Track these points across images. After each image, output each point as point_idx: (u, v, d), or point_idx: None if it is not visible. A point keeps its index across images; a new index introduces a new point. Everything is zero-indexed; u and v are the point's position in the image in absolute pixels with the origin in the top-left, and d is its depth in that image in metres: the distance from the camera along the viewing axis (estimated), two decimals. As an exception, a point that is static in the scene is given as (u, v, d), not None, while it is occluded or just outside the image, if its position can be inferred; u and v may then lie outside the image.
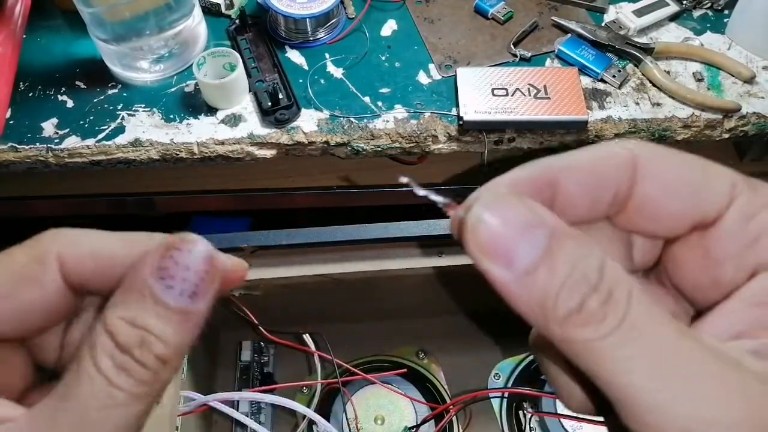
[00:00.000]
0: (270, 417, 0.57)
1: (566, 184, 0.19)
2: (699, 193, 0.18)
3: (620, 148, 0.19)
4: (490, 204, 0.17)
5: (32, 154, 0.59)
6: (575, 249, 0.16)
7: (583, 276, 0.15)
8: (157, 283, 0.18)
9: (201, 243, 0.20)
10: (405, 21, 0.68)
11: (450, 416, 0.54)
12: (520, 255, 0.16)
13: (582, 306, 0.15)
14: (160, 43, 0.61)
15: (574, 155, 0.19)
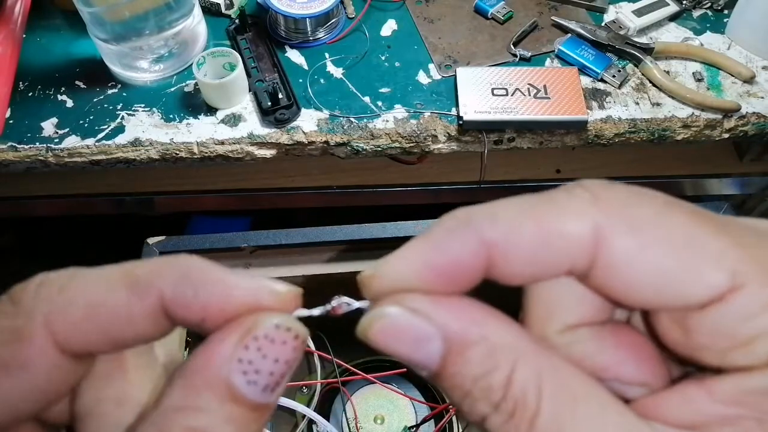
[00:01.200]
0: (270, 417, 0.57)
1: (504, 256, 0.16)
2: (675, 286, 0.15)
3: (579, 219, 0.15)
4: (375, 322, 0.16)
5: (32, 153, 0.58)
6: (478, 361, 0.15)
7: (484, 393, 0.15)
8: (240, 380, 0.15)
9: (293, 326, 0.16)
10: (405, 21, 0.68)
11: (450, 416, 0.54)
12: (418, 364, 0.16)
13: (483, 423, 0.15)
14: (160, 43, 0.61)
15: (515, 218, 0.16)
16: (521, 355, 0.15)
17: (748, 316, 0.15)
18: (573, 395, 0.15)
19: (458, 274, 0.16)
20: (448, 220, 0.16)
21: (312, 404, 0.54)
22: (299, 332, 0.16)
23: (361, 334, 0.17)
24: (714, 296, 0.15)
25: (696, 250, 0.15)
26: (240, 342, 0.15)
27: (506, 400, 0.15)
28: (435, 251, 0.16)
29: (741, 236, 0.15)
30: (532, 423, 0.15)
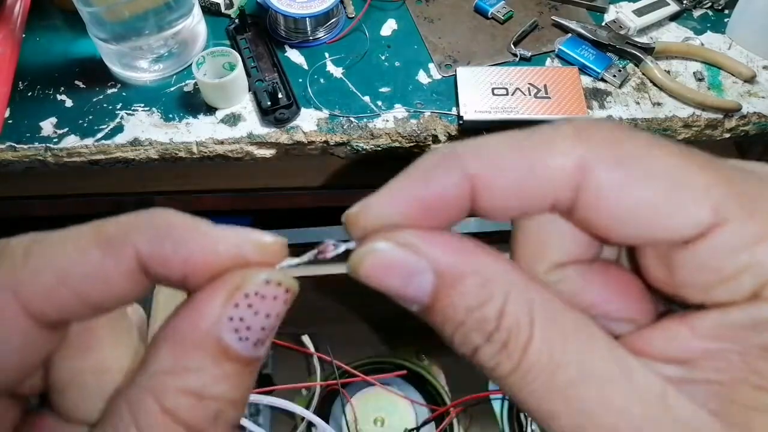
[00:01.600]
0: (269, 419, 0.56)
1: (488, 187, 0.15)
2: (659, 221, 0.15)
3: (563, 152, 0.15)
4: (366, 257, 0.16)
5: (31, 153, 0.58)
6: (472, 292, 0.15)
7: (478, 324, 0.15)
8: (232, 337, 0.15)
9: (283, 280, 0.16)
10: (405, 20, 0.67)
11: (450, 418, 0.54)
12: (409, 299, 0.16)
13: (475, 353, 0.16)
14: (160, 43, 0.61)
15: (499, 150, 0.15)
16: (513, 286, 0.15)
17: (730, 252, 0.15)
18: (563, 326, 0.15)
19: (443, 208, 0.16)
20: (432, 155, 0.16)
21: (311, 406, 0.54)
22: (289, 285, 0.16)
23: (352, 271, 0.16)
24: (698, 231, 0.15)
25: (681, 185, 0.15)
26: (229, 300, 0.15)
27: (499, 331, 0.15)
28: (419, 185, 0.16)
29: (726, 173, 0.15)
30: (524, 351, 0.15)
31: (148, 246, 0.15)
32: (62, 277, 0.15)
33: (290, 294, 0.16)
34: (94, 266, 0.15)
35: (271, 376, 0.59)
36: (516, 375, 0.15)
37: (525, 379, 0.15)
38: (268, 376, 0.59)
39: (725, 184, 0.15)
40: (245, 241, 0.16)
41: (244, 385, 0.15)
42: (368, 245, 0.16)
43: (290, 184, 0.68)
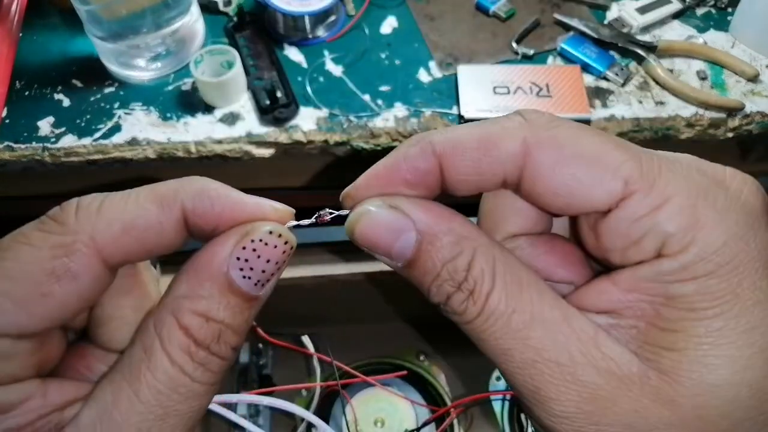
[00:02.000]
0: (268, 419, 0.56)
1: (452, 164, 0.19)
2: (583, 192, 0.18)
3: (511, 136, 0.19)
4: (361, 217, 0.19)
5: (28, 153, 0.58)
6: (447, 247, 0.19)
7: (450, 275, 0.19)
8: (237, 274, 0.18)
9: (284, 232, 0.19)
10: (405, 18, 0.67)
11: (451, 419, 0.53)
12: (395, 254, 0.19)
13: (447, 301, 0.19)
14: (158, 41, 0.61)
15: (461, 133, 0.19)
16: (480, 244, 0.19)
17: (636, 219, 0.18)
18: (519, 280, 0.19)
19: (418, 179, 0.19)
20: (409, 139, 0.20)
21: (311, 407, 0.54)
22: (289, 238, 0.19)
23: (348, 231, 0.20)
24: (612, 202, 0.18)
25: (600, 163, 0.18)
26: (238, 243, 0.19)
27: (467, 281, 0.19)
28: (398, 162, 0.20)
29: (636, 153, 0.18)
30: (487, 298, 0.18)
31: (191, 203, 0.19)
32: (128, 228, 0.18)
33: (289, 246, 0.19)
34: (152, 219, 0.19)
35: (271, 376, 0.59)
36: (479, 319, 0.19)
37: (487, 322, 0.18)
38: (268, 376, 0.59)
39: (633, 162, 0.18)
40: (264, 203, 0.20)
41: (243, 316, 0.19)
42: (362, 206, 0.20)
43: (289, 184, 0.68)
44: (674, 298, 0.17)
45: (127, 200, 0.19)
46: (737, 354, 0.17)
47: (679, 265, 0.17)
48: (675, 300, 0.17)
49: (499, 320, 0.18)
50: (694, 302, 0.17)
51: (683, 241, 0.17)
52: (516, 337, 0.18)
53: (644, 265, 0.18)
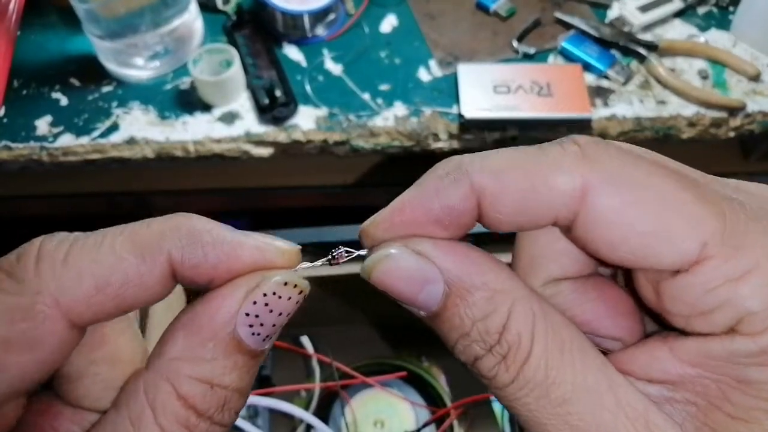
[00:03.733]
0: (267, 421, 0.56)
1: (492, 201, 0.16)
2: (650, 250, 0.15)
3: (567, 171, 0.15)
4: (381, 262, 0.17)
5: (26, 152, 0.57)
6: (479, 304, 0.16)
7: (481, 336, 0.16)
8: (245, 332, 0.16)
9: (298, 282, 0.17)
10: (405, 17, 0.67)
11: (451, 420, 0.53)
12: (419, 305, 0.17)
13: (475, 362, 0.16)
14: (156, 40, 0.60)
15: (504, 164, 0.16)
16: (518, 301, 0.16)
17: (709, 288, 0.15)
18: (561, 342, 0.16)
19: (451, 219, 0.17)
20: (440, 167, 0.17)
21: (310, 408, 0.53)
22: (303, 287, 0.17)
23: (365, 274, 0.17)
24: (683, 264, 0.15)
25: (673, 216, 0.15)
26: (248, 297, 0.16)
27: (501, 344, 0.16)
28: (429, 198, 0.16)
29: (718, 206, 0.15)
30: (522, 366, 0.16)
31: (180, 253, 0.16)
32: (101, 285, 0.15)
33: (303, 295, 0.17)
34: (131, 273, 0.16)
35: (270, 377, 0.59)
36: (512, 387, 0.16)
37: (521, 392, 0.16)
38: (267, 377, 0.59)
39: (714, 219, 0.15)
40: (267, 246, 0.17)
41: (250, 375, 0.17)
42: (382, 249, 0.17)
43: (289, 183, 0.68)
44: (749, 383, 0.15)
45: (100, 248, 0.15)
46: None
47: (758, 348, 0.15)
48: (750, 386, 0.15)
49: (534, 391, 0.16)
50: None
51: (766, 322, 0.15)
52: (554, 412, 0.16)
53: (713, 340, 0.15)
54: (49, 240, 0.16)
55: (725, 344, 0.15)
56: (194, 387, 0.16)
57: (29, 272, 0.15)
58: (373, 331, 0.60)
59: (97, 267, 0.15)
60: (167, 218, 0.16)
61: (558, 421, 0.16)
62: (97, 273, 0.15)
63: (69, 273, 0.15)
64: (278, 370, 0.60)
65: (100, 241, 0.16)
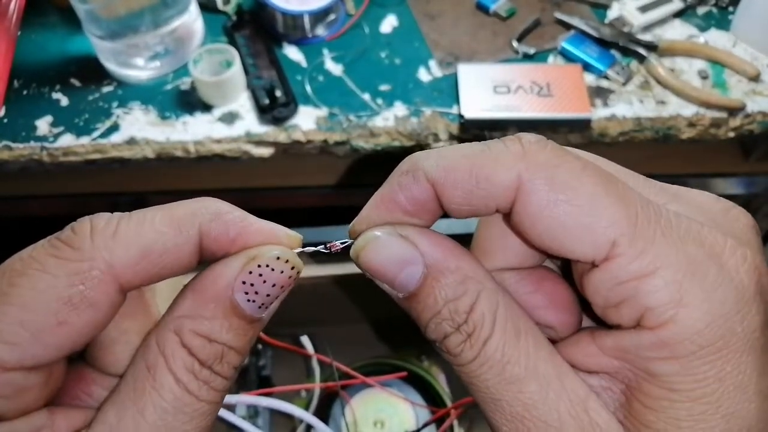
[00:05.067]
0: (267, 421, 0.56)
1: (445, 192, 0.18)
2: (568, 242, 0.17)
3: (505, 168, 0.18)
4: (369, 242, 0.19)
5: (26, 152, 0.58)
6: (452, 286, 0.18)
7: (451, 314, 0.18)
8: (241, 297, 0.18)
9: (291, 258, 0.19)
10: (405, 17, 0.67)
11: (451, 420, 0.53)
12: (398, 284, 0.19)
13: (443, 340, 0.19)
14: (156, 40, 0.61)
15: (453, 161, 0.18)
16: (485, 287, 0.18)
17: (617, 283, 0.17)
18: (518, 329, 0.18)
19: (416, 209, 0.19)
20: (403, 165, 0.19)
21: (310, 408, 0.53)
22: (295, 263, 0.19)
23: (354, 255, 0.20)
24: (596, 257, 0.17)
25: (590, 216, 0.17)
26: (245, 267, 0.18)
27: (467, 323, 0.18)
28: (395, 192, 0.19)
29: (636, 210, 0.17)
30: (484, 344, 0.18)
31: (208, 227, 0.18)
32: (146, 253, 0.18)
33: (296, 271, 0.19)
34: (169, 243, 0.18)
35: (270, 377, 0.59)
36: (474, 364, 0.18)
37: (481, 368, 0.18)
38: (267, 377, 0.59)
39: (626, 222, 0.17)
40: (278, 229, 0.20)
41: (246, 338, 0.19)
42: (369, 232, 0.19)
43: (289, 183, 0.68)
44: (656, 376, 0.17)
45: (143, 223, 0.18)
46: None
47: (658, 340, 0.17)
48: (656, 378, 0.17)
49: (493, 368, 0.18)
50: (675, 383, 0.17)
51: (663, 317, 0.17)
52: (508, 389, 0.18)
53: (625, 334, 0.18)
54: (98, 218, 0.18)
55: (633, 337, 0.17)
56: (195, 339, 0.18)
57: (86, 243, 0.18)
58: (373, 331, 0.60)
59: (141, 238, 0.18)
60: (198, 200, 0.19)
61: (510, 396, 0.18)
62: (142, 243, 0.18)
63: (118, 243, 0.18)
64: (278, 370, 0.60)
65: (142, 218, 0.18)
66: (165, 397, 0.18)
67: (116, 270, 0.18)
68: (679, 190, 0.19)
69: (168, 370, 0.18)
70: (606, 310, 0.18)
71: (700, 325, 0.16)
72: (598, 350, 0.18)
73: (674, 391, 0.17)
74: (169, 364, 0.18)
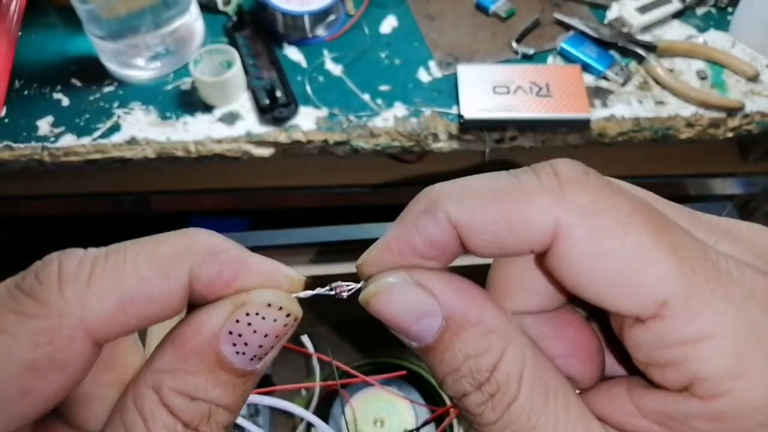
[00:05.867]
0: (268, 420, 0.56)
1: (470, 236, 0.16)
2: (612, 298, 0.16)
3: (542, 213, 0.15)
4: (380, 290, 0.17)
5: (27, 152, 0.58)
6: (473, 341, 0.16)
7: (471, 372, 0.16)
8: (229, 350, 0.16)
9: (286, 305, 0.17)
10: (405, 17, 0.67)
11: (450, 419, 0.53)
12: (413, 335, 0.17)
13: (462, 398, 0.17)
14: (157, 40, 0.61)
15: (481, 202, 0.16)
16: (511, 342, 0.17)
17: (665, 345, 0.15)
18: (546, 388, 0.16)
19: (436, 252, 0.17)
20: (418, 202, 0.17)
21: (310, 407, 0.54)
22: (291, 310, 0.17)
23: (363, 301, 0.17)
24: (643, 315, 0.15)
25: (640, 270, 0.15)
26: (231, 315, 0.16)
27: (489, 383, 0.16)
28: (410, 234, 0.17)
29: (689, 265, 0.15)
30: (508, 407, 0.16)
31: (199, 269, 0.16)
32: (125, 304, 0.15)
33: (292, 318, 0.17)
34: (155, 291, 0.16)
35: (270, 376, 0.59)
36: (496, 426, 0.16)
37: (504, 431, 0.16)
38: (267, 376, 0.59)
39: (681, 280, 0.15)
40: (278, 270, 0.17)
41: (236, 393, 0.16)
42: (383, 278, 0.17)
43: (289, 183, 0.68)
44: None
45: (123, 266, 0.16)
46: None
47: (710, 412, 0.15)
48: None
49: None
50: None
51: (717, 389, 0.15)
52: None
53: (670, 397, 0.16)
54: (68, 260, 0.16)
55: (679, 403, 0.15)
56: (176, 398, 0.16)
57: (53, 294, 0.15)
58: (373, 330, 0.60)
59: (120, 287, 0.15)
60: (186, 233, 0.17)
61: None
62: (121, 294, 0.15)
63: (93, 294, 0.15)
64: (278, 368, 0.60)
65: (122, 260, 0.16)
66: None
67: (90, 325, 0.15)
68: (730, 226, 0.17)
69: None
70: (649, 367, 0.16)
71: (761, 401, 0.15)
72: (637, 411, 0.16)
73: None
74: (148, 426, 0.16)
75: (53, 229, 0.78)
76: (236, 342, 0.16)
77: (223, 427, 0.17)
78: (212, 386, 0.16)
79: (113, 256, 0.16)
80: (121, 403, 0.17)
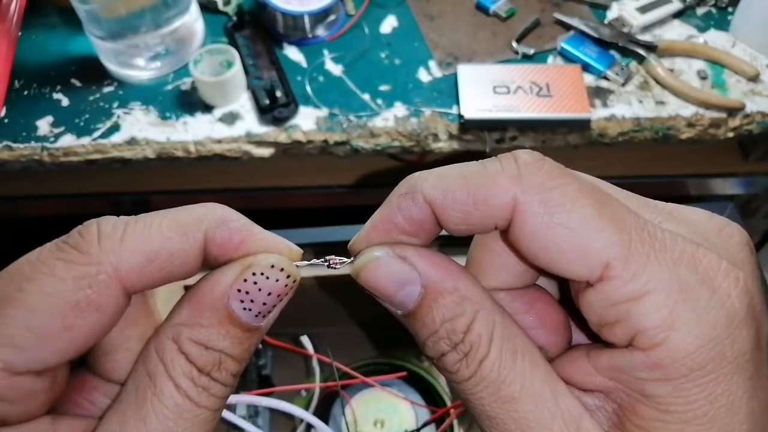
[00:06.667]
0: (268, 420, 0.56)
1: (443, 213, 0.19)
2: (563, 264, 0.18)
3: (501, 191, 0.18)
4: (369, 262, 0.20)
5: (27, 152, 0.58)
6: (449, 306, 0.19)
7: (448, 334, 0.19)
8: (237, 306, 0.18)
9: (287, 267, 0.19)
10: (405, 18, 0.67)
11: (451, 420, 0.53)
12: (396, 303, 0.20)
13: (441, 358, 0.19)
14: (157, 40, 0.61)
15: (451, 182, 0.19)
16: (482, 307, 0.19)
17: (610, 303, 0.18)
18: (514, 349, 0.19)
19: (415, 228, 0.20)
20: (401, 186, 0.20)
21: (311, 408, 0.53)
22: (292, 272, 0.19)
23: (354, 273, 0.20)
24: (590, 278, 0.18)
25: (585, 238, 0.18)
26: (240, 275, 0.18)
27: (463, 343, 0.19)
28: (393, 213, 0.20)
29: (629, 234, 0.18)
30: (480, 364, 0.18)
31: (213, 233, 0.19)
32: (152, 258, 0.18)
33: (292, 279, 0.19)
34: (176, 248, 0.18)
35: (270, 377, 0.59)
36: (470, 382, 0.19)
37: (477, 387, 0.19)
38: (267, 377, 0.59)
39: (620, 246, 0.17)
40: (280, 240, 0.20)
41: (243, 346, 0.19)
42: (370, 252, 0.20)
43: (289, 183, 0.68)
44: (649, 396, 0.17)
45: (150, 228, 0.18)
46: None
47: (650, 361, 0.17)
48: (649, 399, 0.17)
49: (488, 387, 0.18)
50: (667, 404, 0.17)
51: (654, 339, 0.17)
52: (503, 408, 0.18)
53: (618, 353, 0.18)
54: (105, 222, 0.18)
55: (626, 356, 0.18)
56: (192, 347, 0.18)
57: (93, 246, 0.18)
58: (373, 331, 0.60)
59: (148, 243, 0.18)
60: (203, 205, 0.19)
61: (505, 415, 0.18)
62: (148, 248, 0.18)
63: (125, 247, 0.18)
64: (278, 369, 0.60)
65: (149, 223, 0.19)
66: (166, 404, 0.18)
67: (122, 274, 0.18)
68: (673, 208, 0.20)
69: (168, 377, 0.18)
70: (600, 328, 0.18)
71: (690, 348, 0.17)
72: (593, 369, 0.19)
73: (666, 412, 0.17)
74: (168, 371, 0.18)
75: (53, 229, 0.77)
76: (243, 299, 0.18)
77: (231, 375, 0.19)
78: (222, 338, 0.18)
79: (142, 220, 0.19)
80: (144, 353, 0.19)
